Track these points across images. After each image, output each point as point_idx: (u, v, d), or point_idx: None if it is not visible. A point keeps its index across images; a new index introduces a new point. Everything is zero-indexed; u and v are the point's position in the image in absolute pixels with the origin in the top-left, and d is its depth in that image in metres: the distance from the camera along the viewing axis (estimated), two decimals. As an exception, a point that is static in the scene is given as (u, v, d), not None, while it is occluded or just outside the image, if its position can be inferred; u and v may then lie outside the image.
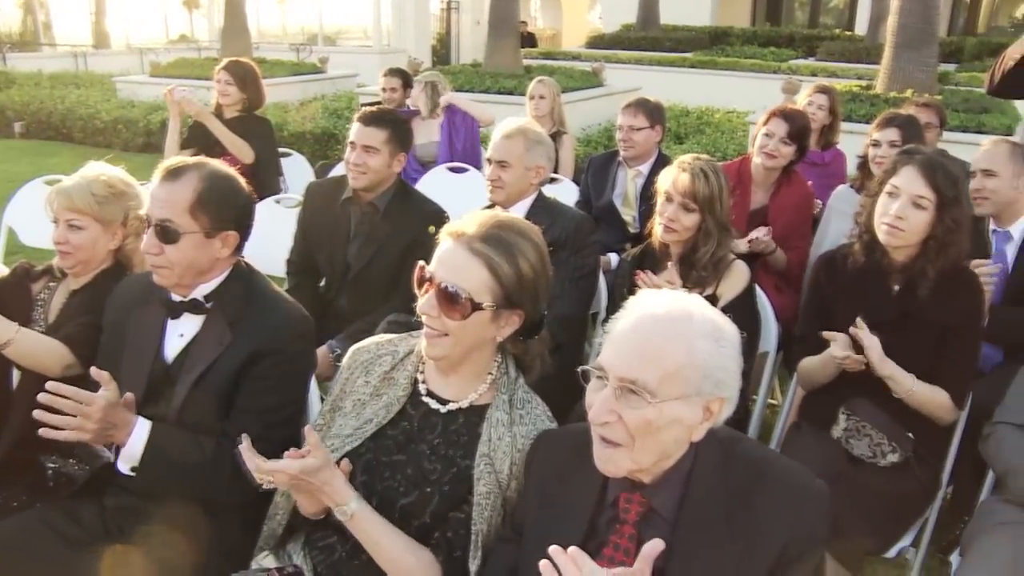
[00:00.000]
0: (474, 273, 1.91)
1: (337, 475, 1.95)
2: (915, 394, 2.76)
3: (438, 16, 23.25)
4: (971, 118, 9.00)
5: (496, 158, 3.44)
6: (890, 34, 10.60)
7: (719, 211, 3.08)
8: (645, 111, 4.50)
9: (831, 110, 5.03)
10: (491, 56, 12.69)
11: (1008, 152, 3.55)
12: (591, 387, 1.67)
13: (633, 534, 1.71)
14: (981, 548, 2.49)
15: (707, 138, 8.74)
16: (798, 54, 18.69)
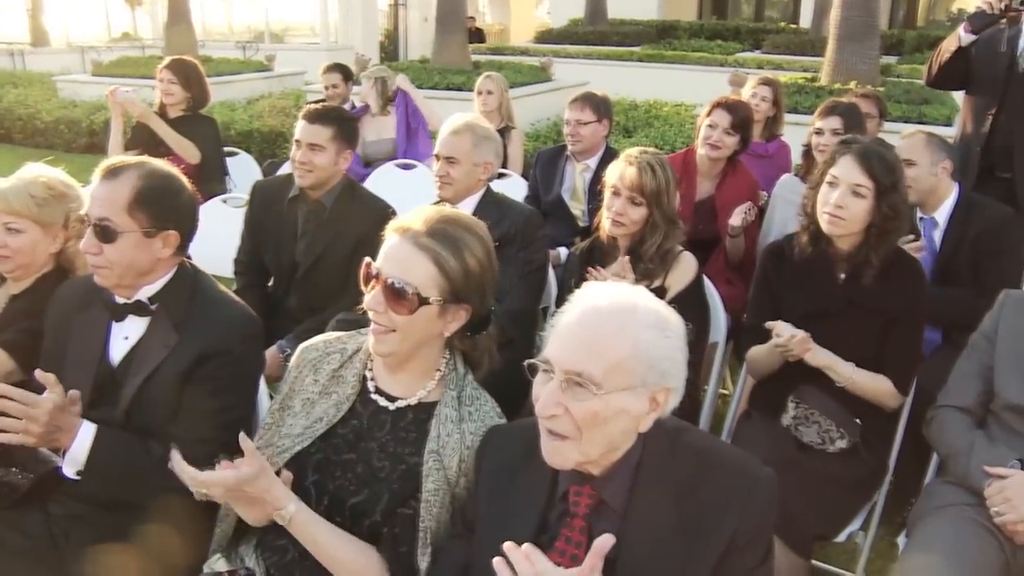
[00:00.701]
0: (420, 267, 1.91)
1: (275, 481, 1.92)
2: (856, 382, 2.81)
3: (386, 13, 23.10)
4: (912, 109, 9.16)
5: (444, 154, 3.43)
6: (833, 27, 10.76)
7: (666, 204, 3.10)
8: (592, 105, 4.52)
9: (774, 102, 5.08)
10: (439, 52, 12.64)
11: (924, 141, 3.64)
12: (538, 380, 1.67)
13: (584, 527, 1.72)
14: (925, 529, 2.54)
15: (656, 131, 8.77)
16: (744, 47, 18.87)
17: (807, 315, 2.88)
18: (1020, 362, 2.57)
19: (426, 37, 18.16)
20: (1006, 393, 2.58)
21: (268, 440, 2.10)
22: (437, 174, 3.45)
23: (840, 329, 2.83)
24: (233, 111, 10.74)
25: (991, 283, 2.94)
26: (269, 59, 14.80)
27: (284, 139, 9.45)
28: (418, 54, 17.94)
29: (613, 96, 10.61)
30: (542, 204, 4.61)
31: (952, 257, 3.57)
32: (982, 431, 2.65)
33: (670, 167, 3.16)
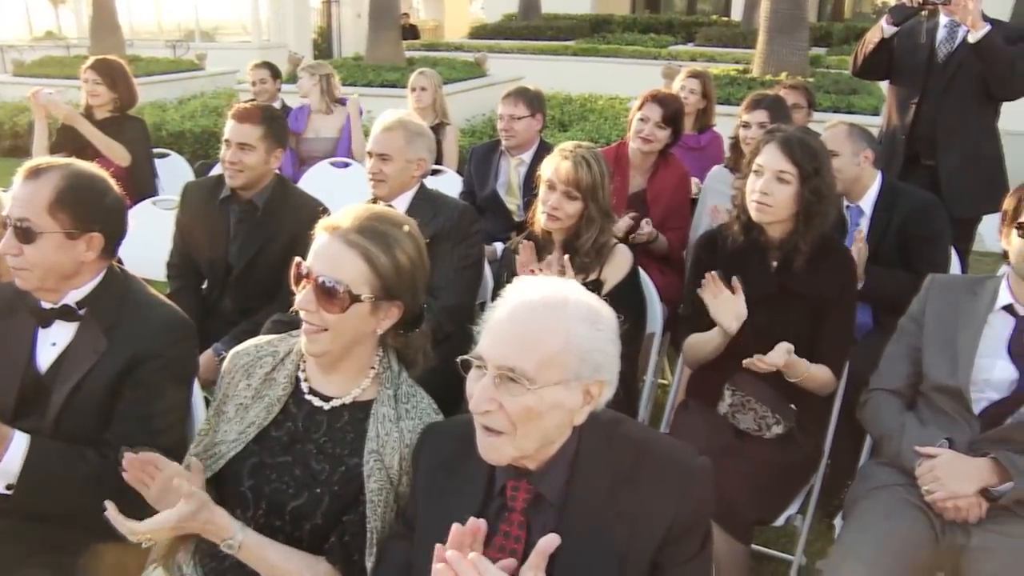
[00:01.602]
0: (351, 265, 1.89)
1: (216, 512, 1.89)
2: (808, 378, 2.86)
3: (319, 10, 22.87)
4: (841, 99, 9.35)
5: (377, 151, 3.40)
6: (763, 19, 10.93)
7: (601, 198, 3.11)
8: (525, 100, 4.52)
9: (704, 94, 5.12)
10: (373, 49, 12.54)
11: (846, 132, 3.72)
12: (471, 377, 1.67)
13: (522, 521, 1.72)
14: (860, 510, 2.59)
15: (591, 124, 8.83)
16: (677, 40, 19.07)
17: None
18: (946, 344, 2.63)
19: (360, 34, 18.03)
20: (934, 374, 2.64)
21: (205, 446, 2.07)
22: (370, 172, 3.43)
23: (773, 316, 2.87)
24: (164, 111, 10.55)
25: (920, 269, 3.00)
26: (200, 58, 14.56)
27: (217, 139, 9.28)
28: (352, 51, 17.79)
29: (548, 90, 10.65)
30: (477, 200, 4.60)
31: (879, 244, 3.63)
32: (913, 412, 2.71)
33: (604, 161, 3.18)
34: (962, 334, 2.62)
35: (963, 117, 4.56)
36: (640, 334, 3.23)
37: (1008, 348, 2.57)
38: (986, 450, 2.51)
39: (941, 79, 4.57)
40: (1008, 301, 2.59)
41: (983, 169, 4.64)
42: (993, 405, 2.57)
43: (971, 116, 4.58)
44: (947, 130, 4.59)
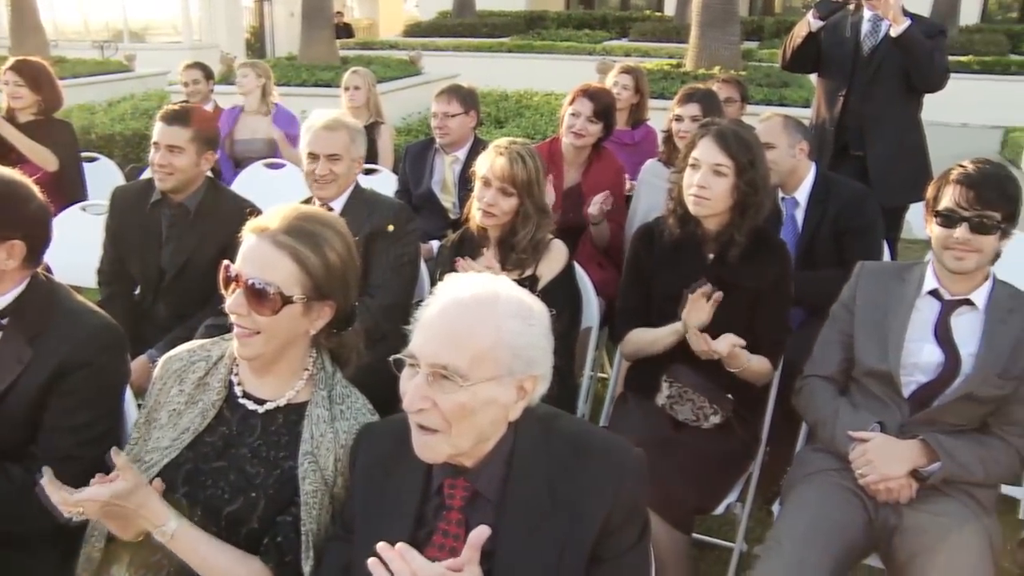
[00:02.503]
0: (281, 266, 1.87)
1: (152, 495, 1.86)
2: (747, 369, 2.89)
3: (251, 9, 22.58)
4: (773, 92, 9.51)
5: (326, 152, 3.33)
6: (695, 14, 11.07)
7: (537, 194, 3.11)
8: (459, 97, 4.52)
9: (637, 89, 5.13)
10: (306, 49, 12.42)
11: (781, 124, 3.77)
12: (404, 375, 1.66)
13: (461, 519, 1.72)
14: (796, 496, 2.64)
15: (527, 121, 8.82)
16: (612, 35, 19.25)
17: (678, 295, 2.95)
18: (877, 329, 2.69)
19: (293, 33, 17.81)
20: (865, 359, 2.69)
21: (136, 455, 2.02)
22: (318, 173, 3.35)
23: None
24: (93, 114, 10.30)
25: (853, 259, 3.06)
26: (129, 59, 14.22)
27: (149, 142, 9.11)
28: (285, 51, 17.62)
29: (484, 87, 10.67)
30: (413, 198, 4.58)
31: (815, 235, 3.69)
32: (846, 398, 2.77)
33: (539, 157, 3.18)
34: (891, 319, 2.67)
35: (888, 108, 4.68)
36: (576, 329, 3.24)
37: (934, 332, 2.63)
38: (915, 432, 2.58)
39: (866, 72, 4.68)
40: (934, 286, 2.66)
41: (909, 159, 4.77)
42: (921, 388, 2.63)
43: (896, 107, 4.70)
44: (874, 121, 4.71)
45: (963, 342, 2.60)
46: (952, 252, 2.56)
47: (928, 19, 4.91)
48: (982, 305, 2.61)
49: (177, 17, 20.17)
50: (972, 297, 2.62)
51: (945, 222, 2.55)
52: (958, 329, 2.62)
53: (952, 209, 2.53)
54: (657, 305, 3.03)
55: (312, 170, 3.36)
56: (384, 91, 9.34)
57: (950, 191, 2.55)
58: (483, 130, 8.40)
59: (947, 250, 2.57)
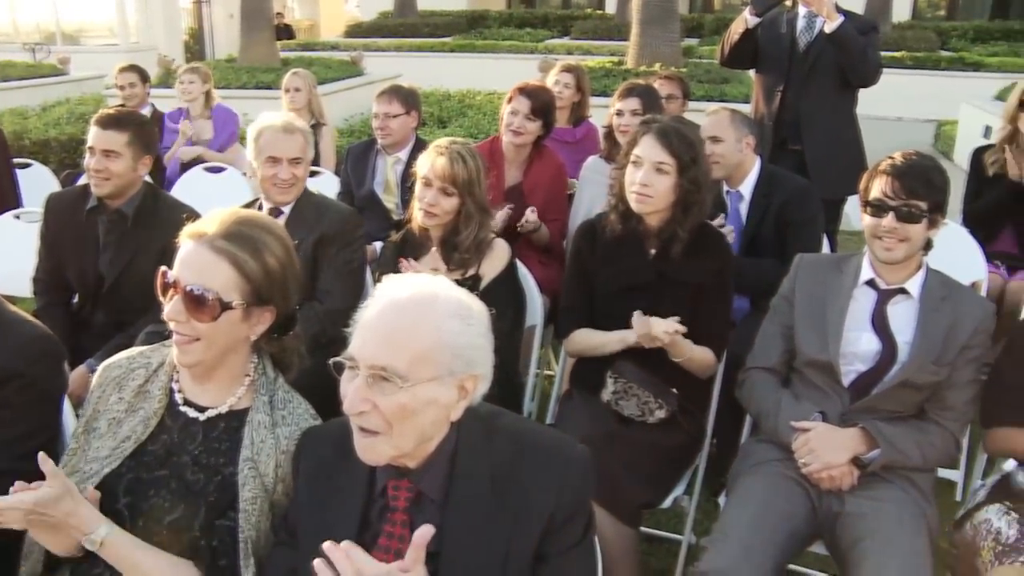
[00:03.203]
0: (219, 272, 1.85)
1: (81, 503, 1.81)
2: (690, 359, 2.91)
3: (189, 10, 22.24)
4: (714, 88, 9.62)
5: (289, 156, 3.28)
6: (636, 12, 11.17)
7: (478, 193, 3.11)
8: (399, 97, 4.50)
9: (578, 87, 5.14)
10: (246, 50, 12.30)
11: (729, 118, 3.81)
12: (344, 378, 1.65)
13: (405, 520, 1.71)
14: (741, 487, 2.68)
15: (470, 120, 8.82)
16: (553, 34, 19.34)
17: (620, 291, 2.97)
18: (816, 320, 2.73)
19: (233, 35, 17.63)
20: (806, 350, 2.74)
21: (74, 466, 1.98)
22: (280, 178, 3.29)
23: (652, 302, 2.90)
24: (25, 119, 10.07)
25: (795, 252, 3.11)
26: (63, 62, 13.90)
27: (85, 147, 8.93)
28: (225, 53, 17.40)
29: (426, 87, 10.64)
30: (355, 199, 4.56)
31: (758, 228, 3.73)
32: (788, 389, 2.81)
33: (480, 156, 3.18)
34: (830, 310, 2.72)
35: (824, 103, 4.77)
36: (521, 327, 3.25)
37: (872, 321, 2.69)
38: (855, 420, 2.63)
39: (802, 68, 4.76)
40: (870, 276, 2.71)
41: (845, 152, 4.85)
42: (860, 376, 2.68)
43: (831, 102, 4.79)
44: (810, 116, 4.79)
45: (899, 330, 2.66)
46: (881, 242, 2.61)
47: (861, 16, 5.01)
48: (916, 294, 2.67)
49: (113, 19, 19.77)
50: (907, 286, 2.68)
51: (874, 211, 2.61)
52: (894, 318, 2.68)
53: (880, 199, 2.59)
54: (600, 301, 3.04)
55: (274, 175, 3.29)
56: (326, 92, 9.27)
57: (879, 182, 2.61)
58: (426, 130, 8.38)
59: (876, 239, 2.62)
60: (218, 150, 6.26)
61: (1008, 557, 2.38)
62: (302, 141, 3.34)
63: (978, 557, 2.47)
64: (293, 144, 3.30)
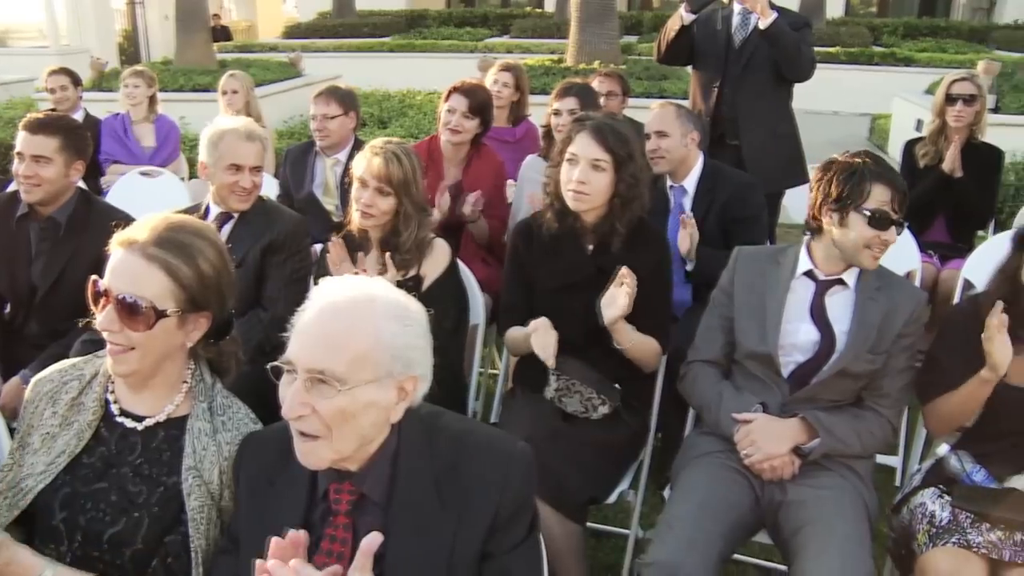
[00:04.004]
0: (152, 279, 1.82)
1: (18, 551, 1.78)
2: (635, 345, 2.91)
3: (122, 12, 21.82)
4: (653, 85, 9.71)
5: (251, 163, 3.24)
6: (574, 10, 11.22)
7: (415, 192, 3.09)
8: (337, 98, 4.46)
9: (517, 86, 5.14)
10: (182, 52, 12.12)
11: (675, 113, 3.84)
12: (283, 382, 1.64)
13: (348, 523, 1.71)
14: (685, 479, 2.70)
15: (410, 120, 8.80)
16: (493, 32, 19.35)
17: (559, 288, 2.97)
18: (755, 312, 2.76)
19: (168, 37, 17.34)
20: (746, 342, 2.77)
21: (10, 482, 1.93)
22: (243, 185, 3.24)
23: (592, 298, 2.90)
24: (-47, 125, 9.83)
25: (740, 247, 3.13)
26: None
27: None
28: (160, 55, 17.11)
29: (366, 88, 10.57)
30: (295, 202, 4.51)
31: (702, 223, 3.75)
32: (729, 381, 2.84)
33: (416, 156, 3.16)
34: (769, 302, 2.75)
35: (760, 99, 4.83)
36: (465, 326, 3.24)
37: (810, 311, 2.73)
38: (795, 410, 2.67)
39: (738, 64, 4.82)
40: (808, 267, 2.75)
41: (783, 147, 4.93)
42: (799, 367, 2.72)
43: (767, 97, 4.85)
44: (747, 111, 4.84)
45: (836, 320, 2.71)
46: (871, 251, 2.64)
47: (794, 12, 5.08)
48: (853, 284, 2.72)
49: (42, 20, 19.28)
50: (844, 277, 2.72)
51: (877, 224, 2.60)
52: (832, 308, 2.72)
53: (885, 212, 2.59)
54: (540, 299, 3.04)
55: (235, 182, 3.24)
56: (265, 94, 9.18)
57: (879, 191, 2.60)
58: (367, 131, 8.33)
59: (867, 249, 2.64)
60: (160, 165, 6.13)
61: (941, 539, 2.45)
62: (261, 148, 3.31)
63: (914, 540, 2.53)
64: (254, 151, 3.28)
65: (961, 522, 2.47)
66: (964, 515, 2.48)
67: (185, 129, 8.49)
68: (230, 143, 3.25)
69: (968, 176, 4.51)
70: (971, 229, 4.82)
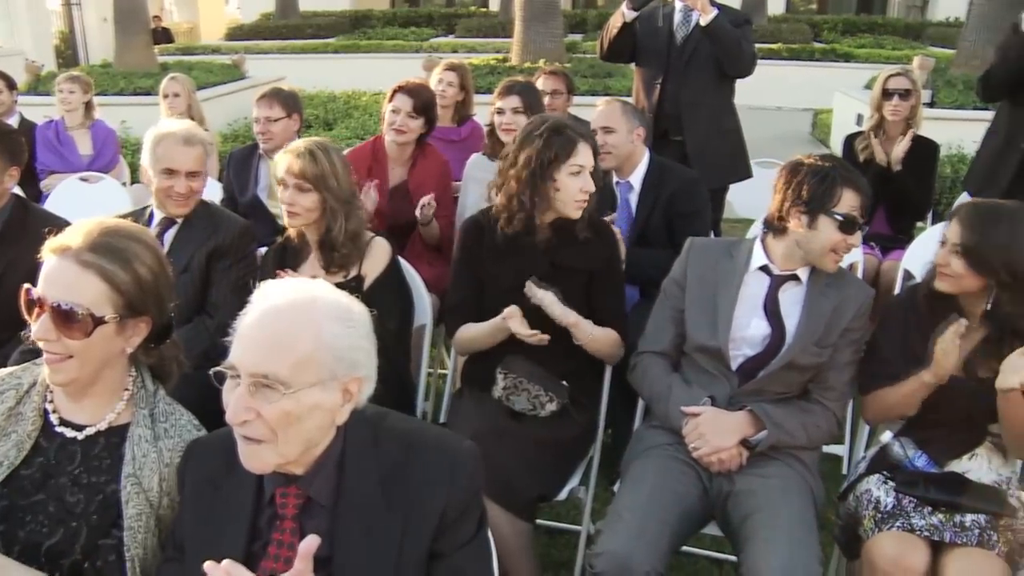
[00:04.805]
0: (88, 286, 1.79)
1: None
2: (595, 338, 2.93)
3: (59, 13, 21.37)
4: (598, 82, 9.77)
5: (187, 169, 3.17)
6: (518, 9, 11.25)
7: (335, 186, 3.05)
8: (280, 100, 4.42)
9: (461, 86, 5.14)
10: (122, 55, 11.90)
11: (621, 109, 3.85)
12: (226, 388, 1.62)
13: (295, 527, 1.69)
14: (634, 471, 2.72)
15: (356, 121, 8.78)
16: (438, 32, 19.32)
17: (514, 287, 2.94)
18: (706, 307, 2.79)
19: (107, 39, 17.02)
20: (696, 335, 2.79)
21: None
22: (176, 191, 3.18)
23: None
24: None
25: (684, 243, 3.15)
26: (-82, 70, 13.22)
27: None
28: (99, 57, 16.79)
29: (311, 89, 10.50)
30: (239, 206, 4.46)
31: (648, 218, 3.78)
32: (678, 374, 2.86)
33: (335, 151, 3.14)
34: (721, 296, 2.78)
35: (703, 94, 4.87)
36: (410, 325, 3.23)
37: (764, 306, 2.76)
38: (743, 403, 2.70)
39: (680, 60, 4.86)
40: (763, 262, 2.78)
41: (726, 142, 4.98)
42: (748, 360, 2.75)
43: (710, 93, 4.90)
44: (690, 107, 4.88)
45: (787, 314, 2.74)
46: (835, 255, 2.68)
47: (734, 9, 5.15)
48: (805, 279, 2.76)
49: (-29, 22, 18.84)
50: (799, 272, 2.76)
51: (846, 228, 2.64)
52: (784, 303, 2.76)
53: (854, 217, 2.64)
54: (492, 300, 3.01)
55: (169, 187, 3.18)
56: (208, 97, 9.07)
57: (849, 196, 2.64)
58: (312, 132, 8.28)
59: (833, 252, 2.68)
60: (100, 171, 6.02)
61: (887, 524, 2.49)
62: (201, 153, 3.25)
63: (861, 526, 2.58)
64: (192, 156, 3.21)
65: (905, 506, 2.52)
66: (907, 500, 2.53)
67: (127, 134, 8.38)
68: (167, 147, 3.20)
69: (906, 169, 4.59)
70: (910, 220, 4.91)
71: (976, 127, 4.96)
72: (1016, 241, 2.50)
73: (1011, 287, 2.50)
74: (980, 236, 2.52)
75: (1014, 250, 2.49)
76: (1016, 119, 4.40)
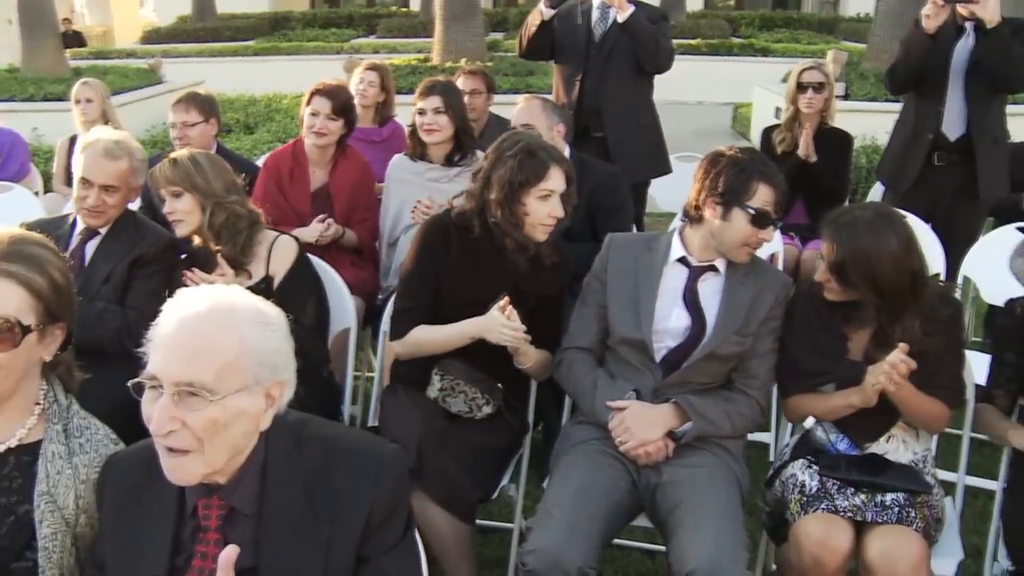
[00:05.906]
0: (11, 295, 1.74)
1: None
2: (537, 362, 2.92)
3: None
4: (520, 81, 9.81)
5: (101, 182, 3.07)
6: (439, 9, 11.25)
7: (203, 185, 3.03)
8: (196, 105, 4.34)
9: (382, 86, 5.12)
10: (29, 59, 11.53)
11: (540, 106, 3.88)
12: (146, 399, 1.58)
13: (219, 539, 1.66)
14: (563, 467, 2.73)
15: (277, 125, 8.67)
16: (359, 33, 19.21)
17: (473, 302, 2.86)
18: (628, 299, 2.81)
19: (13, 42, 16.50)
20: (619, 328, 2.81)
21: None
22: (89, 204, 3.09)
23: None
24: None
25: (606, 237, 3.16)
26: None
27: None
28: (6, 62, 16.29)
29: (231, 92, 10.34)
30: (157, 214, 4.36)
31: (571, 214, 3.80)
32: (603, 368, 2.88)
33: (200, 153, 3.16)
34: (642, 289, 2.80)
35: (622, 90, 4.91)
36: (326, 318, 3.22)
37: (683, 297, 2.79)
38: (668, 394, 2.73)
39: (599, 57, 4.89)
40: (681, 254, 2.81)
41: (645, 137, 5.03)
42: (671, 352, 2.78)
43: (628, 89, 4.93)
44: (609, 103, 4.91)
45: (707, 306, 2.78)
46: (748, 249, 2.73)
47: (651, 6, 5.21)
48: (723, 270, 2.80)
49: None
50: (716, 263, 2.80)
51: (758, 222, 2.67)
52: (703, 294, 2.79)
53: (767, 212, 2.67)
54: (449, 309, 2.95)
55: (83, 197, 3.10)
56: (124, 102, 8.88)
57: (764, 191, 2.67)
58: (232, 136, 8.16)
59: (745, 246, 2.72)
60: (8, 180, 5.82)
61: (812, 507, 2.55)
62: (124, 168, 3.13)
63: (787, 510, 2.63)
64: (110, 170, 3.10)
65: (829, 489, 2.58)
66: (831, 482, 2.59)
67: (39, 141, 8.15)
68: (88, 156, 3.11)
69: (821, 160, 4.70)
70: (828, 210, 5.01)
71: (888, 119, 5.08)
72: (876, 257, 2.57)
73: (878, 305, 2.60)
74: (843, 253, 2.60)
75: (874, 266, 2.56)
76: (922, 111, 4.52)
